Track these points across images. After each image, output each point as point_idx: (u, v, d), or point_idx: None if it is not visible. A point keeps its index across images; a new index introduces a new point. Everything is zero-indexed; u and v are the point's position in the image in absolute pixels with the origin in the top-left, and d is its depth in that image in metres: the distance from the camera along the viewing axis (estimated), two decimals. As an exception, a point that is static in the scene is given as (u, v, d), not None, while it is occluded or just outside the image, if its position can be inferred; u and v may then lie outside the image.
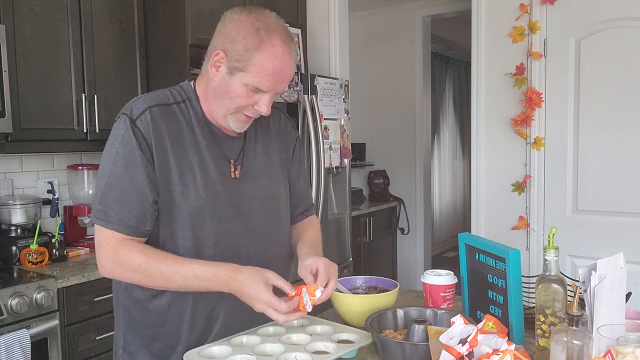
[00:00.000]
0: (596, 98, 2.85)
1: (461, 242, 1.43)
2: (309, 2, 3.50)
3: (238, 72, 1.20)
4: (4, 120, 2.13)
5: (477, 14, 3.15)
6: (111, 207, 1.21)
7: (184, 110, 1.29)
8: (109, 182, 1.22)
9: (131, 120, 1.22)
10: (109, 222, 1.21)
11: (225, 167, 1.30)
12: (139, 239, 1.24)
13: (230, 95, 1.23)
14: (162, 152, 1.23)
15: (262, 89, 1.22)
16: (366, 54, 4.87)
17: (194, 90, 1.32)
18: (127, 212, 1.21)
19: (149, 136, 1.22)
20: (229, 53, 1.20)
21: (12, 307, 1.95)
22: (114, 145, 1.23)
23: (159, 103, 1.26)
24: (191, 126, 1.28)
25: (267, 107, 1.25)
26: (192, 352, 1.20)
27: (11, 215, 2.42)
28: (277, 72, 1.20)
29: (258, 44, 1.18)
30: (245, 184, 1.33)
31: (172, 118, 1.26)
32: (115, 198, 1.21)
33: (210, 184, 1.27)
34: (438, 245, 6.42)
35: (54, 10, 2.36)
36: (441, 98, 6.63)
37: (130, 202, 1.21)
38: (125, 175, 1.21)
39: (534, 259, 3.03)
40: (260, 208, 1.35)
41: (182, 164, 1.24)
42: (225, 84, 1.22)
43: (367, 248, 4.18)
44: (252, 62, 1.18)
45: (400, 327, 1.33)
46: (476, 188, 3.22)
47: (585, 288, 1.08)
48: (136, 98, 1.29)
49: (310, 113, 2.94)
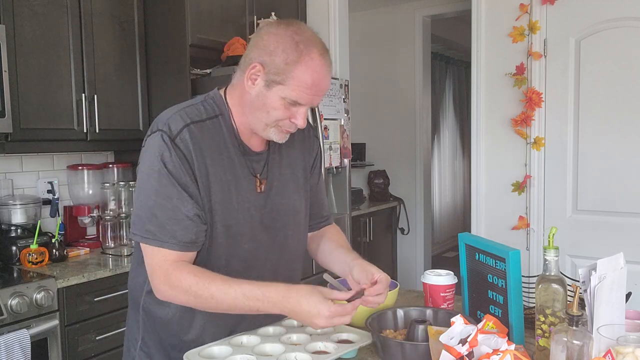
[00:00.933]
0: (596, 98, 2.85)
1: (461, 242, 1.43)
2: (309, 2, 3.50)
3: (276, 86, 1.19)
4: (4, 120, 2.13)
5: (477, 14, 3.15)
6: (165, 227, 1.19)
7: (217, 126, 1.27)
8: (157, 201, 1.20)
9: (170, 139, 1.20)
10: (163, 241, 1.19)
11: (252, 182, 1.30)
12: (191, 255, 1.23)
13: (267, 108, 1.22)
14: (203, 171, 1.22)
15: (300, 102, 1.21)
16: (366, 54, 4.87)
17: (225, 103, 1.30)
18: (181, 229, 1.19)
19: (190, 155, 1.20)
20: (267, 66, 1.19)
21: (12, 307, 1.95)
22: (155, 164, 1.20)
23: (194, 120, 1.24)
24: (225, 143, 1.27)
25: (304, 120, 1.25)
26: (192, 352, 1.20)
27: (11, 215, 2.42)
28: (316, 86, 1.20)
29: (298, 58, 1.17)
30: (269, 199, 1.33)
31: (208, 136, 1.24)
32: (167, 217, 1.19)
33: (242, 201, 1.27)
34: (438, 245, 6.42)
35: (54, 10, 2.36)
36: (441, 98, 6.63)
37: (181, 219, 1.19)
38: (174, 192, 1.19)
39: (534, 259, 3.03)
40: (284, 222, 1.36)
41: (219, 182, 1.24)
42: (262, 97, 1.21)
43: (367, 248, 4.18)
44: (291, 75, 1.18)
45: (400, 327, 1.33)
46: (476, 188, 3.22)
47: (585, 288, 1.08)
48: (170, 113, 1.26)
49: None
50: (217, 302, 1.18)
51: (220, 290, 1.17)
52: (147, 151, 1.23)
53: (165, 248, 1.20)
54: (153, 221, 1.20)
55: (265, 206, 1.32)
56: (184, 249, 1.21)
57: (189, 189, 1.20)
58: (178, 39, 2.64)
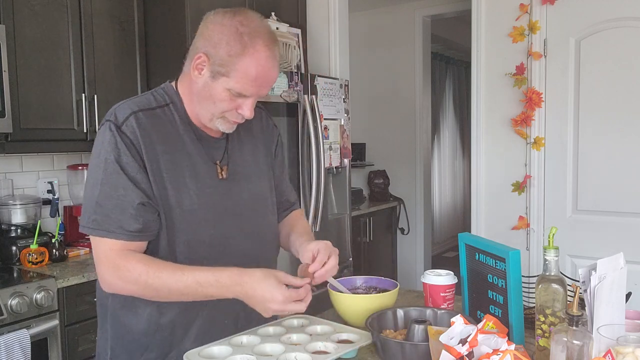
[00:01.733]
0: (596, 98, 2.85)
1: (461, 242, 1.43)
2: (309, 2, 3.50)
3: (221, 77, 1.18)
4: (4, 120, 2.13)
5: (477, 14, 3.15)
6: (110, 216, 1.17)
7: (168, 113, 1.26)
8: (102, 190, 1.18)
9: (117, 126, 1.19)
10: (109, 231, 1.17)
11: (212, 168, 1.29)
12: (139, 245, 1.21)
13: (214, 99, 1.21)
14: (154, 157, 1.20)
15: (245, 94, 1.20)
16: (366, 54, 4.87)
17: (176, 92, 1.29)
18: (127, 219, 1.17)
19: (137, 141, 1.19)
20: (212, 57, 1.18)
21: (12, 307, 1.95)
22: (102, 153, 1.19)
23: (142, 108, 1.23)
24: (177, 129, 1.26)
25: (250, 111, 1.24)
26: (192, 352, 1.19)
27: (11, 215, 2.42)
28: (261, 78, 1.19)
29: (241, 50, 1.16)
30: (233, 185, 1.32)
31: (158, 122, 1.24)
32: (112, 206, 1.17)
33: (201, 187, 1.26)
34: (438, 245, 6.42)
35: (54, 10, 2.36)
36: (441, 98, 6.63)
37: (128, 208, 1.17)
38: (119, 181, 1.17)
39: (534, 259, 3.03)
40: (250, 208, 1.34)
41: (173, 168, 1.22)
42: (208, 87, 1.21)
43: (367, 248, 4.18)
44: (235, 67, 1.17)
45: (400, 327, 1.33)
46: (476, 188, 3.22)
47: (585, 288, 1.08)
48: (118, 104, 1.25)
49: (310, 113, 2.94)
50: (169, 290, 1.16)
51: (172, 277, 1.15)
52: (95, 142, 1.22)
53: (111, 238, 1.17)
54: (98, 211, 1.17)
55: (230, 192, 1.30)
56: (131, 238, 1.18)
57: (135, 176, 1.18)
58: (178, 39, 2.64)
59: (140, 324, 1.27)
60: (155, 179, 1.20)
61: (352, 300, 1.44)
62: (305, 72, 3.22)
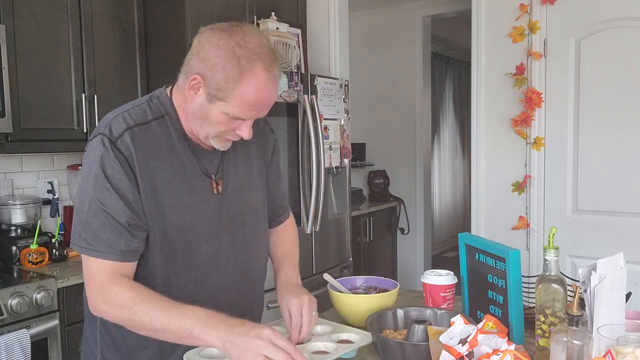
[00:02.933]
0: (596, 98, 2.85)
1: (461, 242, 1.43)
2: (309, 2, 3.50)
3: (218, 101, 1.13)
4: (4, 120, 2.13)
5: (477, 14, 3.15)
6: (99, 235, 1.13)
7: (163, 126, 1.22)
8: (91, 208, 1.14)
9: (111, 142, 1.15)
10: (98, 250, 1.13)
11: (207, 183, 1.25)
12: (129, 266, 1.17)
13: (210, 120, 1.16)
14: (148, 175, 1.17)
15: (244, 118, 1.16)
16: (366, 54, 4.87)
17: (171, 103, 1.24)
18: (116, 238, 1.14)
19: (132, 159, 1.15)
20: (208, 80, 1.12)
21: (12, 307, 1.95)
22: (93, 168, 1.15)
23: (138, 122, 1.19)
24: (172, 144, 1.22)
25: (249, 133, 1.19)
26: (192, 352, 1.19)
27: (11, 215, 2.42)
28: (260, 102, 1.14)
29: (239, 75, 1.10)
30: (227, 199, 1.29)
31: (153, 137, 1.20)
32: (101, 224, 1.13)
33: (197, 203, 1.23)
34: (438, 245, 6.41)
35: (54, 10, 2.36)
36: (441, 98, 6.63)
37: (118, 226, 1.14)
38: (109, 199, 1.14)
39: (534, 259, 3.03)
40: (243, 221, 1.32)
41: (168, 185, 1.19)
42: (204, 109, 1.15)
43: (367, 248, 4.18)
44: (232, 94, 1.11)
45: (400, 327, 1.33)
46: (476, 188, 3.22)
47: (585, 288, 1.08)
48: (112, 115, 1.21)
49: (310, 113, 2.94)
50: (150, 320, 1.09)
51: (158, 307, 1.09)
52: (87, 156, 1.18)
53: (101, 258, 1.13)
54: (86, 229, 1.14)
55: (222, 206, 1.27)
56: (121, 259, 1.15)
57: (126, 195, 1.14)
58: (178, 39, 2.64)
59: (130, 338, 1.24)
60: (148, 197, 1.17)
61: (352, 300, 1.44)
62: (305, 72, 3.22)
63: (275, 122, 2.81)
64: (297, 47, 3.15)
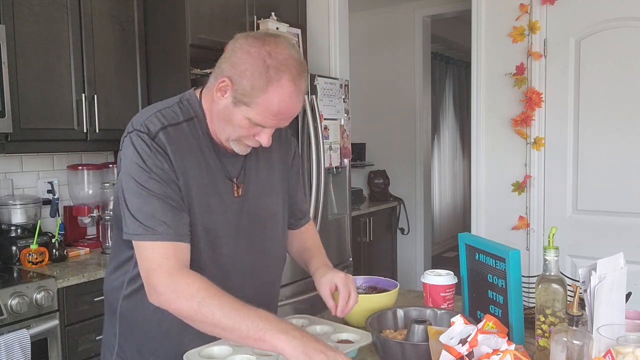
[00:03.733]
0: (596, 98, 2.85)
1: (461, 242, 1.43)
2: (309, 2, 3.50)
3: (242, 106, 1.17)
4: (4, 120, 2.13)
5: (477, 14, 3.15)
6: (154, 217, 1.15)
7: (193, 128, 1.25)
8: (140, 198, 1.16)
9: (150, 137, 1.18)
10: (155, 234, 1.14)
11: (228, 186, 1.28)
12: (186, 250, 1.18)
13: (233, 124, 1.20)
14: (182, 173, 1.20)
15: (265, 126, 1.19)
16: (366, 54, 4.87)
17: (200, 105, 1.27)
18: (171, 219, 1.16)
19: (169, 154, 1.19)
20: (236, 84, 1.16)
21: (12, 307, 1.95)
22: (137, 161, 1.17)
23: (171, 122, 1.22)
24: (200, 146, 1.25)
25: (268, 140, 1.23)
26: (192, 352, 1.20)
27: (11, 215, 2.42)
28: (283, 113, 1.17)
29: (266, 84, 1.13)
30: (247, 203, 1.31)
31: (184, 138, 1.23)
32: (161, 209, 1.15)
33: (220, 205, 1.26)
34: (438, 245, 6.41)
35: (54, 10, 2.36)
36: (441, 98, 6.63)
37: (171, 209, 1.16)
38: (156, 186, 1.16)
39: (534, 259, 3.03)
40: (262, 225, 1.35)
41: (197, 185, 1.23)
42: (228, 111, 1.19)
43: (367, 248, 4.18)
44: (257, 100, 1.15)
45: (400, 327, 1.33)
46: (476, 188, 3.22)
47: (585, 288, 1.08)
48: (146, 115, 1.23)
49: (310, 113, 2.94)
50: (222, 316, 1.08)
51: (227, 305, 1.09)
52: (126, 152, 1.20)
53: (160, 240, 1.14)
54: (140, 217, 1.15)
55: (242, 210, 1.30)
56: (179, 239, 1.16)
57: (170, 185, 1.18)
58: (178, 39, 2.64)
59: (150, 329, 1.27)
60: (185, 194, 1.20)
61: (352, 300, 1.44)
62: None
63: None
64: (297, 47, 3.15)
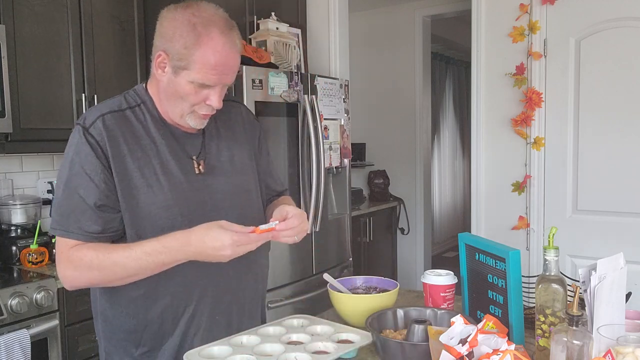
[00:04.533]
0: (596, 98, 2.85)
1: (461, 242, 1.43)
2: (309, 2, 3.50)
3: (182, 71, 1.20)
4: (4, 120, 2.13)
5: (477, 14, 3.15)
6: (69, 216, 1.21)
7: (139, 114, 1.29)
8: (65, 191, 1.22)
9: (84, 129, 1.22)
10: (68, 231, 1.21)
11: (188, 164, 1.30)
12: None
13: (180, 94, 1.23)
14: (120, 158, 1.23)
15: (208, 84, 1.21)
16: (366, 54, 4.87)
17: (147, 93, 1.32)
18: (87, 219, 1.20)
19: (103, 143, 1.22)
20: (170, 53, 1.20)
21: (12, 307, 1.95)
22: (69, 155, 1.23)
23: (111, 110, 1.27)
24: (147, 129, 1.28)
25: (219, 101, 1.25)
26: (192, 352, 1.20)
27: (11, 215, 2.42)
28: (220, 65, 1.20)
29: (196, 40, 1.17)
30: (212, 179, 1.33)
31: (126, 123, 1.26)
32: (73, 206, 1.21)
33: (175, 183, 1.27)
34: (438, 245, 6.41)
35: (54, 10, 2.36)
36: (441, 98, 6.63)
37: (86, 209, 1.20)
38: (81, 182, 1.21)
39: (534, 259, 3.03)
40: (231, 201, 1.35)
41: (143, 167, 1.24)
42: (172, 84, 1.22)
43: (367, 248, 4.18)
44: (193, 59, 1.18)
45: (400, 327, 1.33)
46: (476, 188, 3.21)
47: (585, 288, 1.08)
48: (90, 108, 1.31)
49: (310, 113, 2.94)
50: (122, 268, 1.19)
51: (122, 255, 1.18)
52: (67, 145, 1.26)
53: (69, 238, 1.21)
54: (59, 211, 1.22)
55: (208, 187, 1.31)
56: (89, 239, 1.21)
57: (97, 177, 1.21)
58: (178, 39, 2.64)
59: (129, 321, 1.29)
60: (121, 179, 1.22)
61: (352, 300, 1.44)
62: (305, 72, 3.22)
63: (275, 122, 2.81)
64: (297, 47, 3.15)
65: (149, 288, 1.26)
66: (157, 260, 1.18)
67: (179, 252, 1.17)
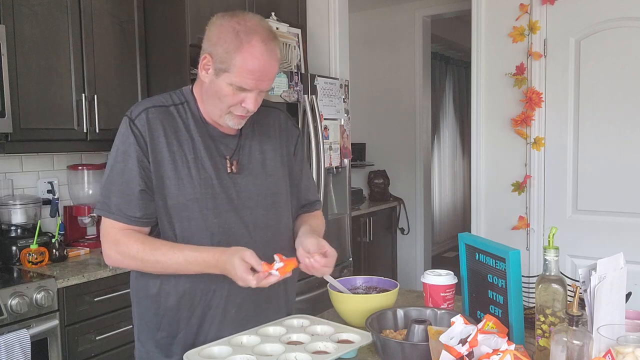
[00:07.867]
0: (596, 98, 2.85)
1: (461, 242, 1.43)
2: (309, 2, 3.50)
3: (223, 73, 1.29)
4: (4, 120, 2.13)
5: (477, 14, 3.15)
6: (112, 199, 1.32)
7: (182, 111, 1.38)
8: (109, 176, 1.33)
9: (130, 120, 1.33)
10: (110, 212, 1.32)
11: (221, 163, 1.38)
12: (140, 228, 1.34)
13: (219, 95, 1.31)
14: (157, 148, 1.33)
15: (246, 88, 1.29)
16: (366, 54, 4.87)
17: (192, 94, 1.41)
18: (126, 204, 1.31)
19: (145, 133, 1.32)
20: (214, 56, 1.29)
21: (12, 307, 1.95)
22: (116, 144, 1.35)
23: (157, 105, 1.37)
24: (188, 126, 1.37)
25: (254, 105, 1.32)
26: (192, 352, 1.20)
27: (11, 215, 2.42)
28: (258, 71, 1.28)
29: (238, 46, 1.26)
30: (241, 178, 1.40)
31: (168, 117, 1.36)
32: (115, 190, 1.32)
33: (205, 178, 1.35)
34: (438, 245, 6.42)
35: (53, 10, 2.36)
36: (441, 98, 6.63)
37: (129, 193, 1.31)
38: (124, 168, 1.32)
39: (534, 259, 3.03)
40: (257, 202, 1.41)
41: (177, 159, 1.33)
42: (213, 84, 1.31)
43: (367, 248, 4.18)
44: (233, 62, 1.27)
45: (400, 327, 1.33)
46: (476, 188, 3.22)
47: (585, 288, 1.08)
48: (139, 102, 1.41)
49: (310, 113, 2.94)
50: (162, 266, 1.30)
51: (165, 255, 1.29)
52: (116, 135, 1.37)
53: (112, 219, 1.32)
54: (104, 194, 1.34)
55: (236, 186, 1.39)
56: (130, 223, 1.32)
57: (139, 165, 1.31)
58: (178, 39, 2.64)
59: (152, 307, 1.39)
60: (157, 169, 1.32)
61: (352, 300, 1.44)
62: (305, 72, 3.22)
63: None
64: (297, 47, 3.15)
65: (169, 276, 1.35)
66: (193, 269, 1.30)
67: (213, 268, 1.28)
